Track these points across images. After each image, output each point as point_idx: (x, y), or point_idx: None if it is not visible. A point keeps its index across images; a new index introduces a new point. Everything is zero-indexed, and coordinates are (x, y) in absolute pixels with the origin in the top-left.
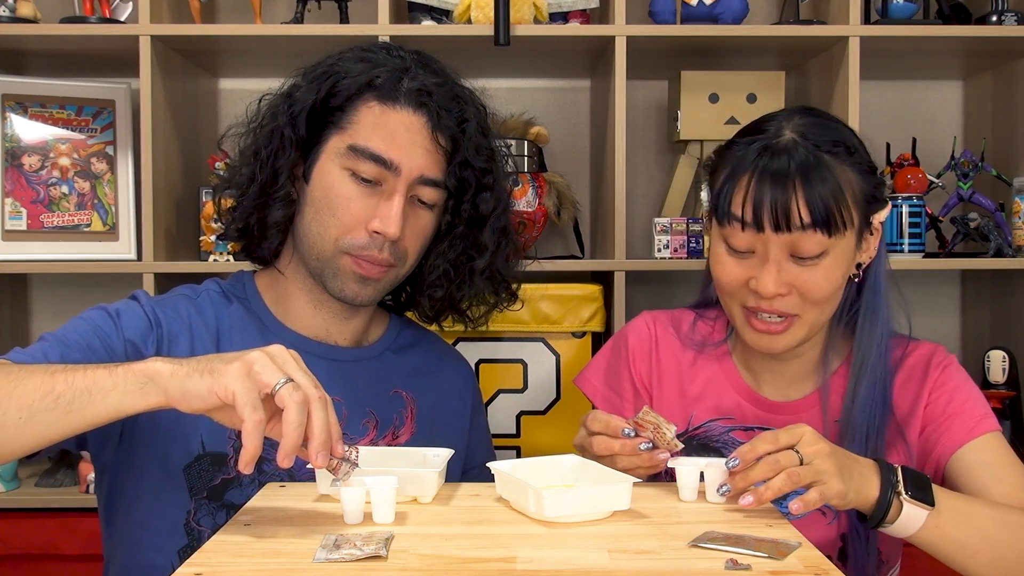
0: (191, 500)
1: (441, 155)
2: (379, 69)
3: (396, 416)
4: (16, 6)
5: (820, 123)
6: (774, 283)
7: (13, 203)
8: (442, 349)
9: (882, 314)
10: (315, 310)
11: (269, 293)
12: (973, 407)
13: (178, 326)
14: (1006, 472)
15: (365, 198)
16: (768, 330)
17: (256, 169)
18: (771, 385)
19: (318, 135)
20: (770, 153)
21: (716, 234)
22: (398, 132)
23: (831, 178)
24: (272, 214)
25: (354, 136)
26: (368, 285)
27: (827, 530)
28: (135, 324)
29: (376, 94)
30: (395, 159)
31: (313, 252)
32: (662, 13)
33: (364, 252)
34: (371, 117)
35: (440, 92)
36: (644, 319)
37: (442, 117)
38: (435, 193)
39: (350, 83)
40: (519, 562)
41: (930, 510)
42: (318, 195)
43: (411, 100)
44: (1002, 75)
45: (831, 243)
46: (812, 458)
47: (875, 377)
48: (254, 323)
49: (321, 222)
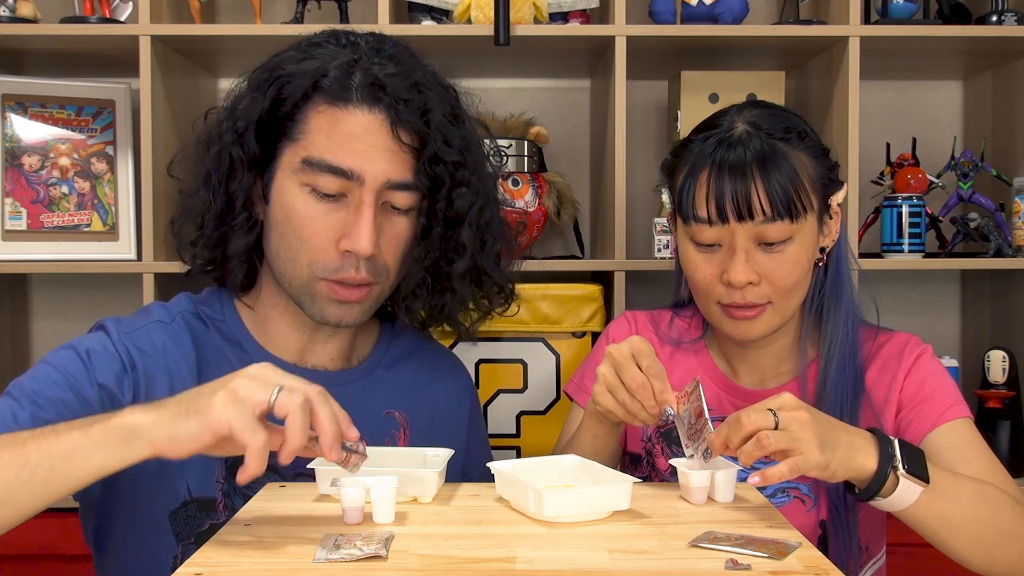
0: (178, 545)
1: (407, 153)
2: (326, 66)
3: (388, 439)
4: (16, 6)
5: (770, 113)
6: (744, 272)
7: (13, 203)
8: (437, 358)
9: (846, 294)
10: (296, 332)
11: (249, 316)
12: (944, 394)
13: (155, 366)
14: (974, 454)
15: (330, 215)
16: (744, 315)
17: (210, 197)
18: (747, 374)
19: (272, 149)
20: (726, 146)
21: (682, 233)
22: (355, 136)
23: (787, 164)
24: (233, 244)
25: (308, 148)
26: (351, 307)
27: (806, 517)
28: (108, 366)
29: (325, 96)
30: (355, 168)
31: (286, 279)
32: (662, 13)
33: (339, 275)
34: (323, 123)
35: (395, 82)
36: (625, 317)
37: (401, 111)
38: (408, 197)
39: (295, 87)
40: (519, 562)
41: (925, 487)
42: (280, 218)
43: (364, 97)
44: (1002, 75)
45: (795, 228)
46: (788, 423)
47: (845, 356)
48: (233, 351)
49: (288, 247)
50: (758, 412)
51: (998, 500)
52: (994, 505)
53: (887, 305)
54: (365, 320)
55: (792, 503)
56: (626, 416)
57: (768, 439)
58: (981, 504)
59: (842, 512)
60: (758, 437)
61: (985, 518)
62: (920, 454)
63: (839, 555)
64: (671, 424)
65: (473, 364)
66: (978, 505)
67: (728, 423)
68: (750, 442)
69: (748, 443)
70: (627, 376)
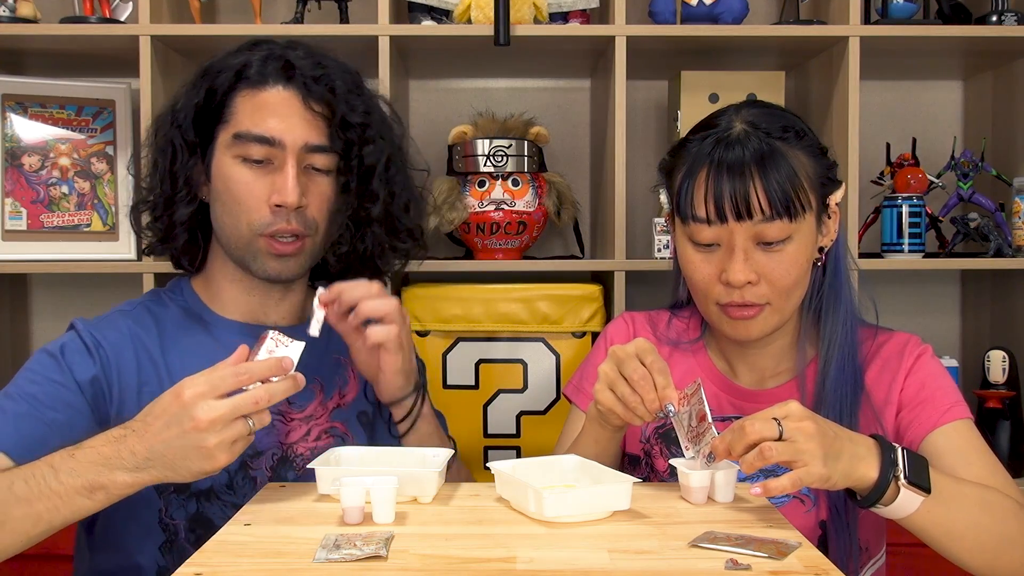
0: (159, 498)
1: (321, 121)
2: (247, 60)
3: (339, 378)
4: (16, 6)
5: (768, 112)
6: (743, 271)
7: (13, 203)
8: None
9: (844, 294)
10: (248, 296)
11: (204, 291)
12: (944, 395)
13: (119, 341)
14: (975, 457)
15: (261, 178)
16: (743, 315)
17: (158, 179)
18: (746, 374)
19: (211, 135)
20: (724, 145)
21: (681, 233)
22: (274, 109)
23: (785, 164)
24: (178, 214)
25: (237, 125)
26: (288, 261)
27: (805, 518)
28: (78, 357)
29: (248, 83)
30: (276, 134)
31: (232, 242)
32: (662, 13)
33: (274, 228)
34: (248, 104)
35: (304, 63)
36: (623, 318)
37: (310, 86)
38: (326, 158)
39: (223, 79)
40: (519, 562)
41: (926, 496)
42: (220, 188)
43: (279, 77)
44: (1002, 75)
45: (793, 228)
46: (794, 435)
47: (844, 356)
48: (194, 320)
49: (229, 212)
50: (763, 421)
51: (1000, 505)
52: (996, 511)
53: (887, 305)
54: (302, 273)
55: (792, 503)
56: (625, 413)
57: (771, 451)
58: (983, 510)
59: (842, 513)
60: (761, 449)
61: (987, 524)
62: (923, 463)
63: (839, 555)
64: (670, 425)
65: (473, 364)
66: (980, 511)
67: (732, 430)
68: (752, 452)
69: (750, 453)
70: (629, 369)
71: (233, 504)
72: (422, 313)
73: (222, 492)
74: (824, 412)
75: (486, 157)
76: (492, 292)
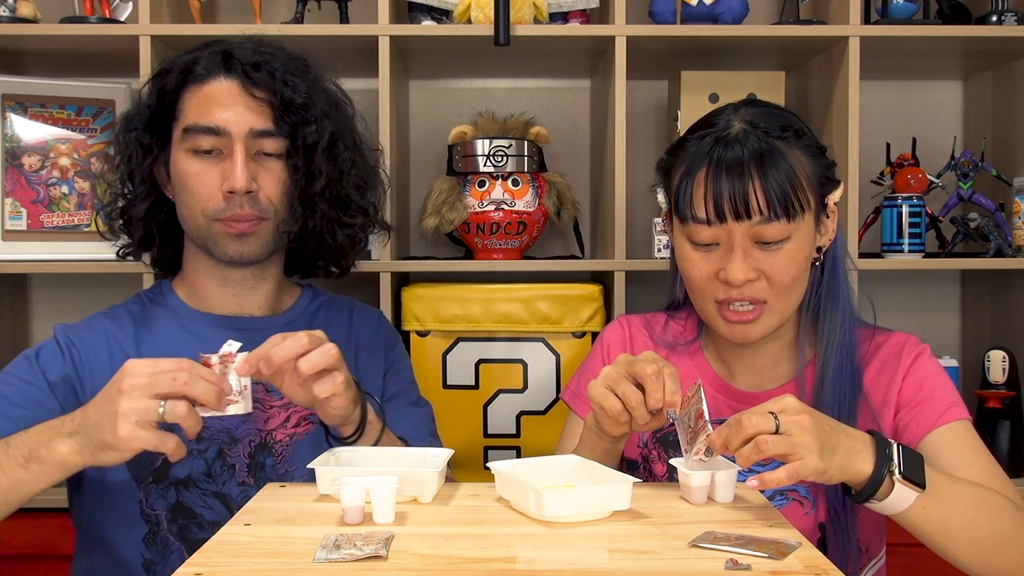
0: (139, 488)
1: (265, 106)
2: (193, 57)
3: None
4: (16, 6)
5: (767, 111)
6: (742, 270)
7: (13, 203)
8: (351, 304)
9: (842, 294)
10: (222, 288)
11: (182, 289)
12: (943, 395)
13: (93, 341)
14: (973, 458)
15: (212, 167)
16: (741, 319)
17: (115, 181)
18: (744, 376)
19: (166, 137)
20: (723, 144)
21: (679, 232)
22: (217, 100)
23: (784, 163)
24: (136, 210)
25: (185, 120)
26: (247, 241)
27: (804, 520)
28: (51, 358)
29: (194, 78)
30: (221, 123)
31: (192, 231)
32: (662, 13)
33: (227, 214)
34: (194, 99)
35: (242, 52)
36: (619, 321)
37: (251, 73)
38: (275, 143)
39: (171, 78)
40: (519, 562)
41: (921, 492)
42: (177, 182)
43: (219, 69)
44: (1002, 75)
45: (792, 228)
46: (789, 428)
47: (842, 357)
48: (172, 316)
49: (186, 203)
50: (759, 415)
51: (996, 505)
52: (992, 510)
53: (887, 305)
54: (264, 254)
55: (791, 505)
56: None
57: (767, 444)
58: (979, 509)
59: (841, 514)
60: (757, 442)
61: (982, 523)
62: (919, 459)
63: (838, 557)
64: (668, 429)
65: (473, 364)
66: (976, 510)
67: (729, 424)
68: (749, 445)
69: (747, 446)
70: (639, 367)
71: (213, 492)
72: (422, 313)
73: (201, 480)
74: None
75: (486, 157)
76: (492, 292)
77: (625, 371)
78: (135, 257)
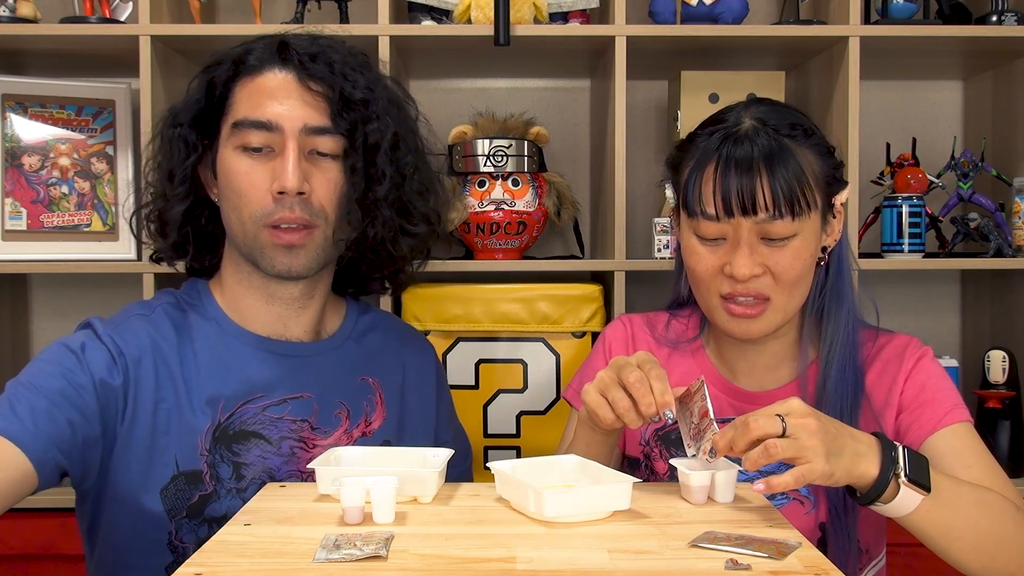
0: (171, 521)
1: (322, 101)
2: (246, 48)
3: (366, 403)
4: (16, 6)
5: (776, 109)
6: (748, 265)
7: (13, 203)
8: (402, 329)
9: (847, 295)
10: (267, 306)
11: (222, 297)
12: (944, 397)
13: (139, 350)
14: (974, 460)
15: (262, 166)
16: (745, 314)
17: (156, 181)
18: (746, 375)
19: (216, 132)
20: (732, 141)
21: (686, 226)
22: (270, 93)
23: (793, 161)
24: (172, 212)
25: (235, 114)
26: (296, 253)
27: (805, 520)
28: (99, 357)
29: (246, 70)
30: (273, 119)
31: (239, 238)
32: (662, 13)
33: (276, 217)
34: (245, 92)
35: (299, 44)
36: (620, 320)
37: (307, 65)
38: (331, 141)
39: (222, 70)
40: (519, 562)
41: (926, 495)
42: (224, 183)
43: (274, 61)
44: (1002, 75)
45: (798, 225)
46: (796, 431)
47: (845, 358)
48: (212, 328)
49: (233, 206)
50: (766, 418)
51: (999, 508)
52: (995, 513)
53: (887, 305)
54: (314, 268)
55: (791, 505)
56: (607, 415)
57: (775, 448)
58: (981, 512)
59: (841, 514)
60: (765, 445)
61: (985, 526)
62: (924, 462)
63: (838, 557)
64: (670, 427)
65: (473, 364)
66: (978, 513)
67: (735, 426)
68: (756, 449)
69: (755, 450)
70: (626, 373)
71: None
72: (422, 313)
73: None
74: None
75: (486, 157)
76: (492, 292)
77: (616, 376)
78: (168, 263)
